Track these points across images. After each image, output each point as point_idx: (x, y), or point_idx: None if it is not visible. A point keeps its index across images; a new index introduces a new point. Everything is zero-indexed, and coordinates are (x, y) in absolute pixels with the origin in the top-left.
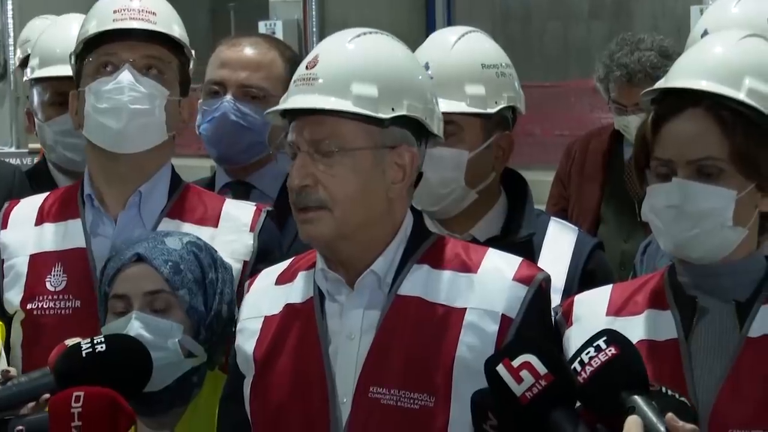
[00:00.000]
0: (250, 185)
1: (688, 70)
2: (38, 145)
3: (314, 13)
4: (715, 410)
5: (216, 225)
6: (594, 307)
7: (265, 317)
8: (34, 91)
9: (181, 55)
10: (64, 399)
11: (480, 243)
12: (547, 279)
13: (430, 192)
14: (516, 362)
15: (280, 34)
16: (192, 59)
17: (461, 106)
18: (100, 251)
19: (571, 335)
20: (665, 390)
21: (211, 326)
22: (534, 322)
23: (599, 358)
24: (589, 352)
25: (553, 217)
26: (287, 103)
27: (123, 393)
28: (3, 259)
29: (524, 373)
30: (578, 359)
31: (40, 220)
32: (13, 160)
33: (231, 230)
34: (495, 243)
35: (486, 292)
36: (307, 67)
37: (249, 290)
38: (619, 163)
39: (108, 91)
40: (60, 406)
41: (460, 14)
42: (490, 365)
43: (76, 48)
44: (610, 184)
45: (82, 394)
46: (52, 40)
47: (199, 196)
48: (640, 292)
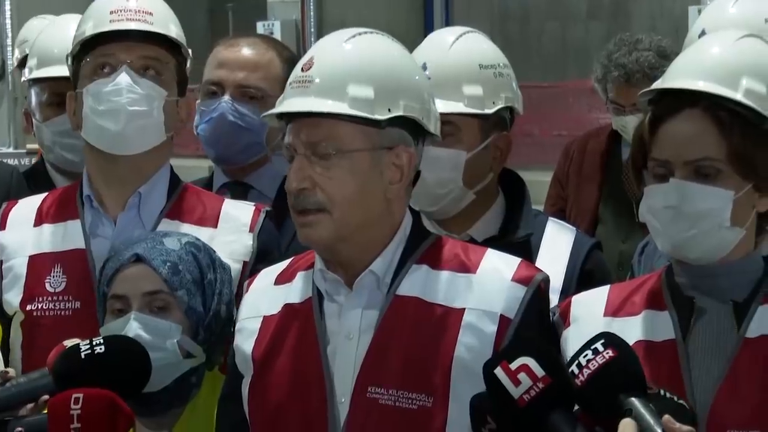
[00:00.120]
0: (248, 185)
1: (685, 71)
2: (36, 146)
3: (312, 14)
4: (713, 411)
5: (215, 225)
6: (592, 307)
7: (264, 317)
8: (32, 92)
9: (178, 55)
10: (63, 400)
11: (478, 243)
12: (546, 280)
13: (428, 192)
14: (513, 365)
15: (278, 35)
16: (189, 58)
17: (459, 107)
18: (100, 252)
19: (569, 336)
20: (663, 392)
21: (210, 327)
22: (533, 322)
23: (597, 361)
24: (586, 355)
25: (551, 218)
26: (283, 106)
27: (121, 394)
28: (1, 260)
29: (522, 376)
30: (576, 362)
31: (39, 221)
32: (11, 161)
33: (230, 231)
34: (493, 243)
35: (485, 292)
36: (302, 69)
37: (248, 290)
38: (617, 164)
39: (106, 93)
40: (59, 407)
41: (458, 14)
42: (488, 368)
43: (73, 49)
44: (608, 184)
45: (81, 395)
46: (50, 41)
47: (198, 197)
48: (638, 292)
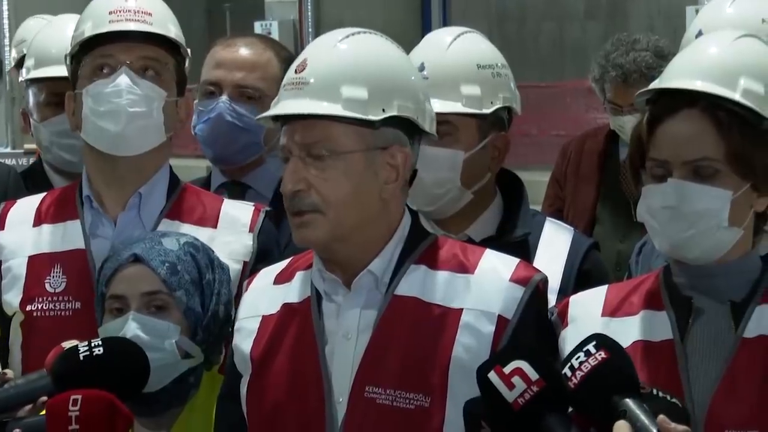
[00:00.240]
0: (246, 185)
1: (683, 71)
2: (34, 146)
3: (310, 14)
4: (711, 411)
5: (215, 226)
6: (589, 307)
7: (263, 317)
8: (30, 92)
9: (177, 55)
10: (61, 402)
11: (475, 243)
12: (545, 280)
13: (426, 192)
14: (507, 369)
15: (275, 35)
16: (188, 58)
17: (457, 107)
18: (100, 252)
19: (567, 336)
20: (656, 392)
21: (208, 327)
22: (530, 323)
23: (589, 363)
24: (578, 357)
25: (548, 218)
26: (277, 108)
27: (120, 395)
28: (0, 261)
29: (516, 380)
30: (568, 364)
31: (38, 221)
32: (9, 161)
33: (230, 231)
34: (490, 243)
35: (483, 292)
36: (296, 71)
37: (247, 289)
38: (614, 164)
39: (106, 94)
40: (57, 408)
41: (456, 15)
42: (482, 372)
43: (72, 49)
44: (606, 184)
45: (79, 397)
46: (48, 41)
47: (197, 197)
48: (636, 292)
